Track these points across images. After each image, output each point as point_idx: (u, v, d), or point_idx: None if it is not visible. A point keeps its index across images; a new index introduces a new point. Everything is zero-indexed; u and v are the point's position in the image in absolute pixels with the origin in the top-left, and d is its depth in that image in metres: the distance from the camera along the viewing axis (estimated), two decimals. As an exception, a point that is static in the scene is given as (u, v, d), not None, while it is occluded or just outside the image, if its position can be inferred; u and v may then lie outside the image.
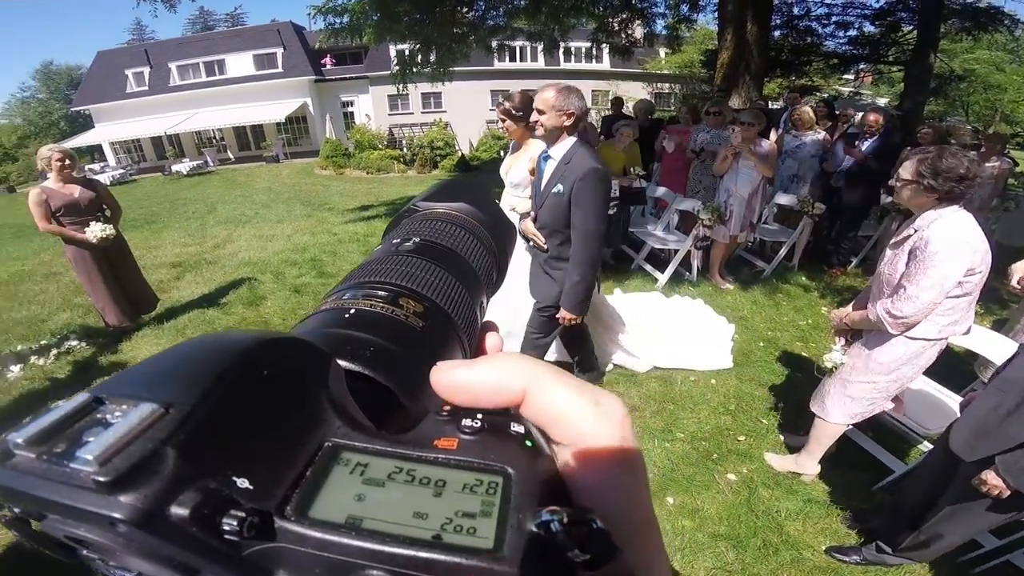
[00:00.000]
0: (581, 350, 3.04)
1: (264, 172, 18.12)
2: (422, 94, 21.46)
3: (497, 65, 17.98)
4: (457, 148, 17.32)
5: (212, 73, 24.99)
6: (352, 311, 0.26)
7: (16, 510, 0.15)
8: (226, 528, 0.14)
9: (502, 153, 17.76)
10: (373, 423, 0.21)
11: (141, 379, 0.17)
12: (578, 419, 0.19)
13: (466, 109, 22.27)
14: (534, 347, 2.73)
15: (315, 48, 23.17)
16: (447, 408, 0.20)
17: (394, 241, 0.33)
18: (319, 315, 0.27)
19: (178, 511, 0.14)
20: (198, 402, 0.16)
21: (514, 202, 2.90)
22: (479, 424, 0.19)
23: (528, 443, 0.19)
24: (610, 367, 3.44)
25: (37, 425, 0.15)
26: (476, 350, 0.31)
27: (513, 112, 2.66)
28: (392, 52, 12.58)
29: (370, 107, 24.50)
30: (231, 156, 24.78)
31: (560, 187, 2.31)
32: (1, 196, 21.88)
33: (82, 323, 4.76)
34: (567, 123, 2.26)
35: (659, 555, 0.20)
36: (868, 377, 2.15)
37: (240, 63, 24.62)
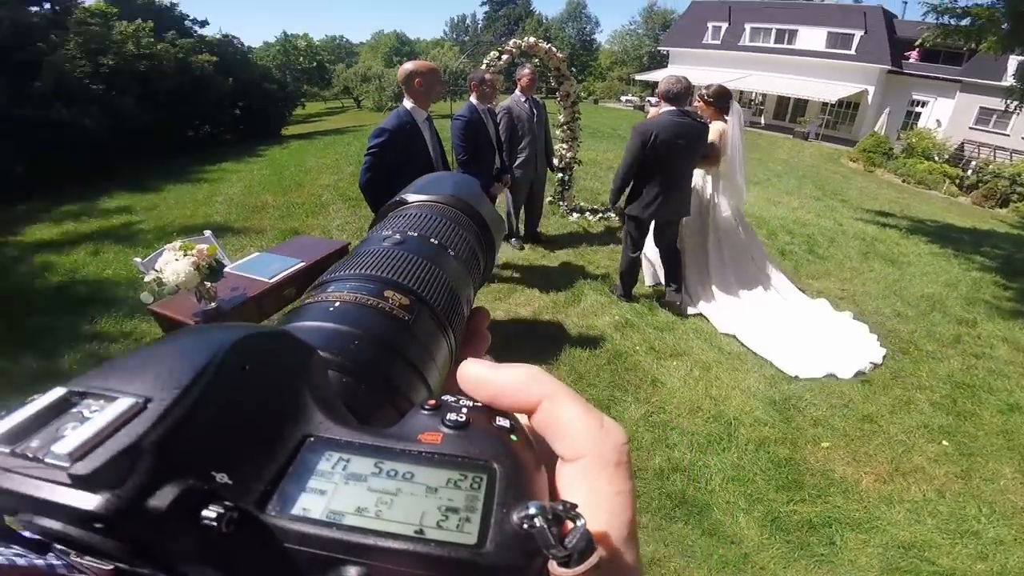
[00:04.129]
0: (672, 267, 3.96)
1: (786, 145, 18.16)
2: (1042, 116, 16.06)
3: None
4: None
5: (781, 41, 25.50)
6: (337, 304, 0.26)
7: None
8: (205, 523, 0.14)
9: None
10: (357, 417, 0.21)
11: (119, 373, 0.17)
12: (582, 435, 0.20)
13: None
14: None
15: (905, 39, 20.70)
16: (431, 402, 0.20)
17: (382, 233, 0.33)
18: (304, 308, 0.27)
19: (155, 506, 0.14)
20: (177, 397, 0.16)
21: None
22: (464, 419, 0.19)
23: (513, 437, 0.19)
24: (693, 311, 4.03)
25: (12, 420, 0.15)
26: (462, 341, 0.31)
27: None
28: (1011, 63, 9.94)
29: (946, 114, 20.43)
30: (761, 121, 25.34)
31: None
32: (588, 105, 29.62)
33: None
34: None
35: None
36: None
37: (812, 37, 24.41)
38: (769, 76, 24.75)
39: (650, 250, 4.13)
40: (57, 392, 0.17)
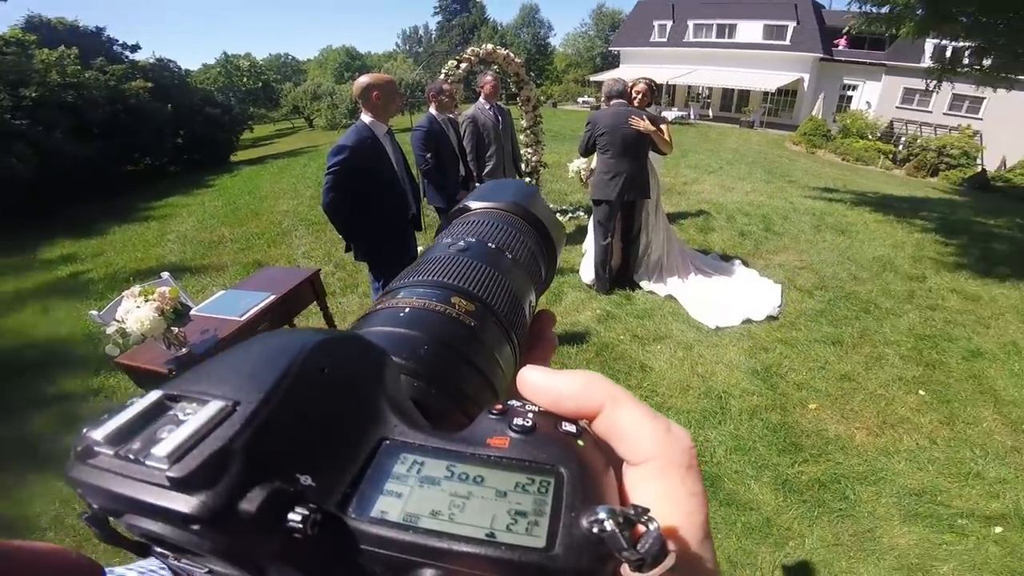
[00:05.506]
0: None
1: (735, 134, 18.90)
2: (954, 95, 17.22)
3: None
4: (979, 163, 13.79)
5: (722, 35, 26.13)
6: (407, 310, 0.27)
7: (95, 507, 0.16)
8: (291, 525, 0.15)
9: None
10: (428, 420, 0.21)
11: (210, 376, 0.18)
12: (649, 439, 0.20)
13: (1019, 122, 16.79)
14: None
15: (834, 28, 21.83)
16: (499, 406, 0.20)
17: (446, 240, 0.34)
18: (375, 313, 0.28)
19: (246, 508, 0.14)
20: (263, 400, 0.16)
21: None
22: (530, 423, 0.19)
23: (580, 442, 0.19)
24: (648, 286, 4.38)
25: (115, 422, 0.16)
26: (526, 347, 0.32)
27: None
28: (927, 47, 10.48)
29: (875, 96, 21.79)
30: (710, 114, 26.12)
31: None
32: (548, 109, 29.69)
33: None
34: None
35: None
36: None
37: (750, 30, 25.11)
38: (714, 70, 25.36)
39: (588, 245, 4.50)
40: (154, 395, 0.17)
